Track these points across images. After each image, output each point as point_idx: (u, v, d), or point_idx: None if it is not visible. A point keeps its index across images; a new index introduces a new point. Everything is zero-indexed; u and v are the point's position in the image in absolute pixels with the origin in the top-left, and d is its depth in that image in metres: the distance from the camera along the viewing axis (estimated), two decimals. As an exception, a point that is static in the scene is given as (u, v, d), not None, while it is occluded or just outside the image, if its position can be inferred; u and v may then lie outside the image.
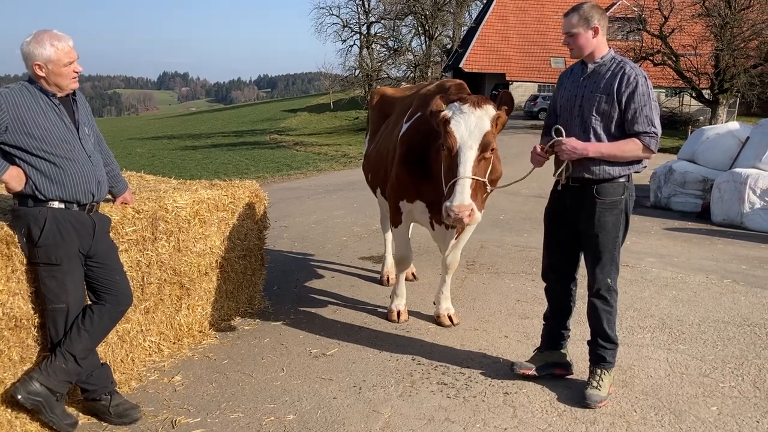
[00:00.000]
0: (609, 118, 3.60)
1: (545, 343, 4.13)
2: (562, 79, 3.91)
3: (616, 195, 3.68)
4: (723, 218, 9.25)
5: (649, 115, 3.55)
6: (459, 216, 3.63)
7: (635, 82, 3.53)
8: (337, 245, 7.80)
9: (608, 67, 3.63)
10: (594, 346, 3.86)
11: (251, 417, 3.69)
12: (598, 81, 3.63)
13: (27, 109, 3.22)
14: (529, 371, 4.03)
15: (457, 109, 3.80)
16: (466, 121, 3.74)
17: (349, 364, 4.36)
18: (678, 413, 3.68)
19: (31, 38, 3.22)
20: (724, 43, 23.36)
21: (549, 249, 4.02)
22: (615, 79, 3.56)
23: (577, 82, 3.73)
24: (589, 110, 3.63)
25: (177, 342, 4.55)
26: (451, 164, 3.77)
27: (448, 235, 4.72)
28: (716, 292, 5.88)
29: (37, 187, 3.26)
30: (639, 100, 3.53)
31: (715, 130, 11.09)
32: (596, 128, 3.63)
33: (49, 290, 3.34)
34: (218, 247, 4.79)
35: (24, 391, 3.27)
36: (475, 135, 3.73)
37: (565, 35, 3.68)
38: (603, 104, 3.59)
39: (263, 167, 19.73)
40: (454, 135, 3.74)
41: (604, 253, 3.71)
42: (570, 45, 3.67)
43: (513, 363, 4.12)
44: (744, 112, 29.48)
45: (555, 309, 4.07)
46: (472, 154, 3.72)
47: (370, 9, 41.07)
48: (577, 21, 3.59)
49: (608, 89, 3.57)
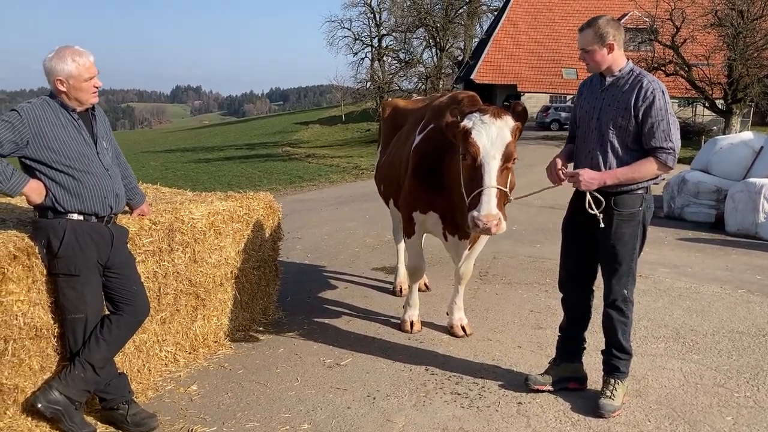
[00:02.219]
0: (626, 132, 3.58)
1: (561, 355, 4.09)
2: (582, 90, 3.89)
3: (634, 207, 3.65)
4: (737, 228, 9.19)
5: (667, 130, 3.51)
6: (487, 226, 3.61)
7: (652, 96, 3.49)
8: (350, 256, 7.84)
9: (626, 80, 3.61)
10: (608, 356, 3.85)
11: (266, 426, 3.72)
12: (616, 94, 3.61)
13: (47, 123, 3.29)
14: (544, 387, 3.98)
15: (477, 120, 3.78)
16: (488, 132, 3.73)
17: (362, 374, 4.39)
18: (692, 423, 3.66)
19: (53, 54, 3.30)
20: (737, 53, 23.26)
21: (566, 259, 3.98)
22: (632, 93, 3.53)
23: (595, 94, 3.72)
24: (606, 124, 3.61)
25: (193, 352, 4.60)
26: (475, 175, 3.75)
27: (461, 246, 4.71)
28: (730, 302, 5.84)
29: (57, 199, 3.33)
30: (656, 114, 3.49)
31: (728, 140, 11.02)
32: (613, 142, 3.61)
33: (69, 300, 3.40)
34: (233, 258, 4.84)
35: (44, 400, 3.33)
36: (498, 145, 3.72)
37: (581, 51, 3.67)
38: (620, 118, 3.57)
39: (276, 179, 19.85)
40: (477, 145, 3.72)
41: (621, 264, 3.69)
42: (586, 60, 3.66)
43: (527, 377, 4.05)
44: (758, 121, 29.31)
45: (571, 320, 4.03)
46: (495, 164, 3.70)
47: (382, 22, 41.32)
48: (592, 38, 3.56)
49: (626, 103, 3.55)
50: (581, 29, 3.65)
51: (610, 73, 3.65)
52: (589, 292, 3.97)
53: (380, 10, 41.17)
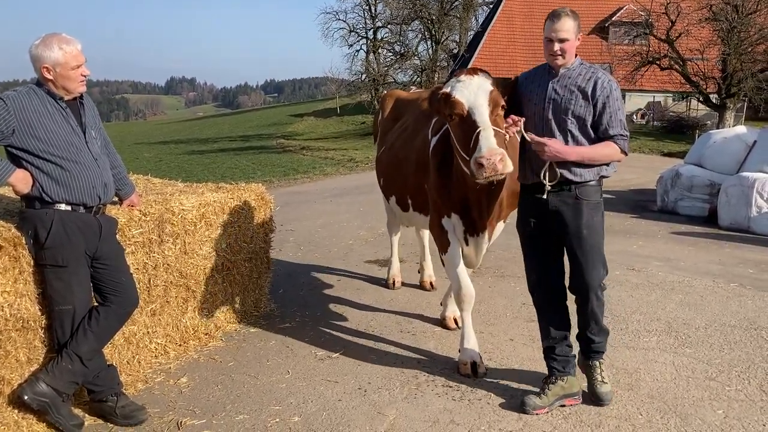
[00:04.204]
0: (583, 121, 3.62)
1: (556, 371, 3.84)
2: (523, 83, 3.83)
3: (597, 197, 3.69)
4: (730, 222, 9.20)
5: (622, 119, 3.62)
6: (491, 161, 3.39)
7: (609, 87, 3.58)
8: (343, 249, 7.81)
9: (578, 72, 3.64)
10: (589, 342, 3.82)
11: (256, 419, 3.70)
12: (569, 85, 3.62)
13: (34, 112, 3.25)
14: (542, 411, 3.75)
15: (454, 82, 3.72)
16: (467, 86, 3.65)
17: (354, 367, 4.37)
18: (684, 416, 3.66)
19: (39, 41, 3.26)
20: (732, 48, 23.25)
21: (535, 261, 3.89)
22: (590, 84, 3.59)
23: (543, 86, 3.69)
24: (564, 113, 3.62)
25: (183, 344, 4.57)
26: (467, 126, 3.60)
27: (481, 242, 4.38)
28: (723, 296, 5.85)
29: (44, 189, 3.29)
30: (613, 104, 3.58)
31: (722, 135, 11.02)
32: (572, 130, 3.63)
33: (56, 292, 3.37)
34: (224, 249, 4.81)
35: (30, 392, 3.30)
36: (481, 94, 3.61)
37: (555, 41, 3.56)
38: (579, 107, 3.60)
39: (270, 171, 19.76)
40: (460, 100, 3.62)
41: (595, 253, 3.68)
42: (560, 51, 3.57)
43: (524, 402, 3.76)
44: (751, 116, 29.33)
45: (558, 327, 3.87)
46: (484, 109, 3.57)
47: (377, 14, 41.13)
48: (572, 27, 3.55)
49: (583, 93, 3.59)
50: (558, 16, 3.55)
51: (563, 65, 3.64)
52: (564, 290, 3.87)
53: (375, 2, 40.99)
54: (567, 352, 3.88)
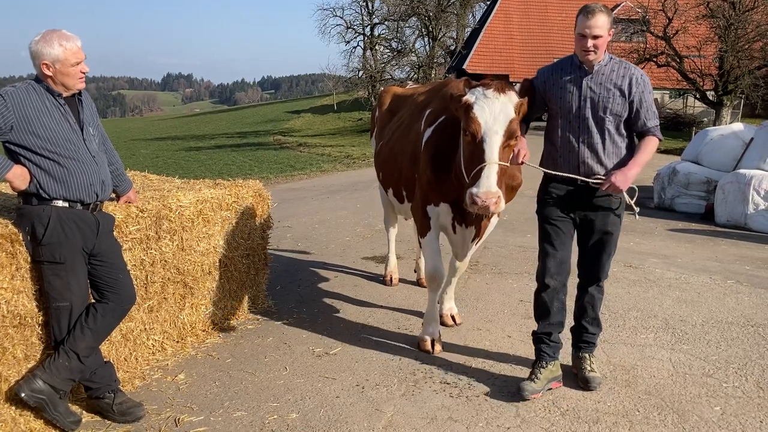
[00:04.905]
0: (620, 117, 3.68)
1: (547, 356, 3.94)
2: (549, 79, 3.80)
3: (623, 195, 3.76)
4: (727, 219, 9.23)
5: (654, 110, 3.72)
6: (485, 203, 3.44)
7: (643, 81, 3.66)
8: (341, 245, 7.81)
9: (611, 68, 3.66)
10: (585, 333, 3.99)
11: (254, 415, 3.70)
12: (605, 82, 3.64)
13: (32, 108, 3.24)
14: (538, 395, 3.83)
15: (480, 94, 3.63)
16: (490, 107, 3.58)
17: (352, 363, 4.37)
18: (681, 413, 3.67)
19: (39, 37, 3.24)
20: (729, 45, 23.29)
21: (554, 246, 3.85)
22: (625, 80, 3.63)
23: (576, 83, 3.69)
24: (602, 111, 3.65)
25: (180, 341, 4.56)
26: (475, 150, 3.59)
27: (468, 236, 4.47)
28: (720, 293, 5.86)
29: (42, 185, 3.28)
30: (648, 98, 3.68)
31: (719, 132, 11.05)
32: (609, 128, 3.68)
33: (53, 288, 3.36)
34: (222, 246, 4.80)
35: (28, 389, 3.29)
36: (501, 121, 3.57)
37: (589, 38, 3.53)
38: (616, 105, 3.64)
39: (267, 168, 19.74)
40: (479, 120, 3.57)
41: (612, 248, 3.86)
42: (593, 47, 3.55)
43: (521, 388, 3.82)
44: (748, 113, 29.41)
45: (555, 310, 3.92)
46: (498, 140, 3.54)
47: (374, 10, 41.01)
48: (605, 22, 3.53)
49: (620, 90, 3.63)
50: (592, 12, 3.52)
51: (595, 61, 3.63)
52: (568, 275, 3.95)
53: (373, -1, 40.91)
54: (559, 339, 4.03)
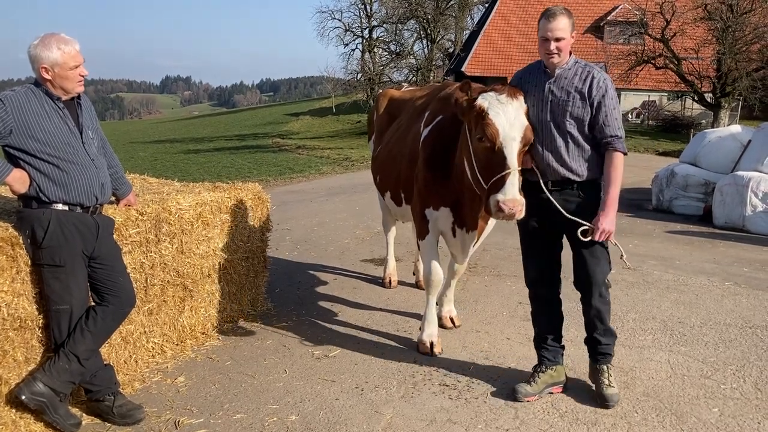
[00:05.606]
0: (581, 121, 3.62)
1: (546, 360, 3.96)
2: (522, 84, 3.79)
3: (599, 194, 3.72)
4: (725, 221, 9.24)
5: (618, 118, 3.62)
6: (512, 211, 3.43)
7: (605, 85, 3.59)
8: (340, 248, 7.82)
9: (574, 71, 3.64)
10: (598, 344, 3.85)
11: (254, 418, 3.70)
12: (566, 85, 3.62)
13: (32, 112, 3.25)
14: (533, 398, 3.85)
15: (494, 99, 3.59)
16: (505, 112, 3.55)
17: (351, 366, 4.38)
18: (679, 415, 3.68)
19: (38, 41, 3.25)
20: (726, 47, 23.32)
21: (534, 255, 3.93)
22: (585, 84, 3.59)
23: (540, 87, 3.69)
24: (562, 115, 3.63)
25: (180, 343, 4.57)
26: (494, 157, 3.53)
27: (468, 240, 4.49)
28: (718, 295, 5.88)
29: (41, 189, 3.29)
30: (609, 103, 3.58)
31: (717, 134, 11.05)
32: (571, 131, 3.63)
33: (53, 291, 3.37)
34: (221, 249, 4.81)
35: (28, 392, 3.30)
36: (517, 127, 3.55)
37: (551, 40, 3.55)
38: (576, 108, 3.60)
39: (266, 170, 19.72)
40: (497, 126, 3.52)
41: (601, 251, 3.73)
42: (555, 50, 3.56)
43: (515, 390, 3.87)
44: (746, 115, 29.42)
45: (551, 320, 3.97)
46: (516, 146, 3.52)
47: (372, 13, 41.02)
48: (567, 25, 3.54)
49: (580, 93, 3.59)
50: (553, 15, 3.54)
51: (559, 64, 3.64)
52: (559, 284, 3.96)
53: (371, 1, 40.91)
54: (557, 344, 3.99)
